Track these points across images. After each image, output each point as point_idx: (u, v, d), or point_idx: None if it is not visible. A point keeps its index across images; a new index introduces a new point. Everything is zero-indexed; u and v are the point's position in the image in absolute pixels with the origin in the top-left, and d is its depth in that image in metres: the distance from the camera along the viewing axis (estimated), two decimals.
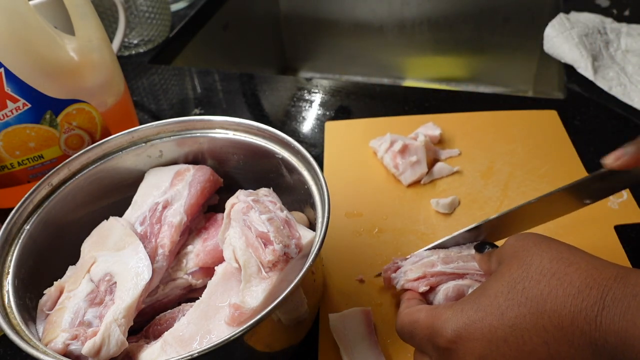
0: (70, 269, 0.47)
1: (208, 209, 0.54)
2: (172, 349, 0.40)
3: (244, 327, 0.36)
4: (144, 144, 0.53)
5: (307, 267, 0.39)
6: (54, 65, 0.57)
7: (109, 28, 0.87)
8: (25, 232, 0.46)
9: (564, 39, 0.81)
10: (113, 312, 0.41)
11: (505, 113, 0.71)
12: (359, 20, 1.20)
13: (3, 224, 0.45)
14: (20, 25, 0.53)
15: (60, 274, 0.46)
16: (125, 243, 0.46)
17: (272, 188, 0.49)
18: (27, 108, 0.56)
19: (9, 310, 0.41)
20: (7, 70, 0.54)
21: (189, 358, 0.35)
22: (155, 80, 0.88)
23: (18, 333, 0.39)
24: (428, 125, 0.69)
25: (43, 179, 0.48)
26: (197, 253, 0.49)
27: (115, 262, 0.45)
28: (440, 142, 0.68)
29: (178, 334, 0.41)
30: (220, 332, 0.40)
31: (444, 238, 0.50)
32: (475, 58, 1.18)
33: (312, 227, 0.48)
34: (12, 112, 0.56)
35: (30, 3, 0.55)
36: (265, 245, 0.41)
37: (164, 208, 0.49)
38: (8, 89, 0.55)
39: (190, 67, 0.91)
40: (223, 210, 0.46)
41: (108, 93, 0.63)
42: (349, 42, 1.24)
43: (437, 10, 1.14)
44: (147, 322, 0.46)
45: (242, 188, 0.48)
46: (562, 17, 0.85)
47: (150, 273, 0.44)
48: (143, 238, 0.47)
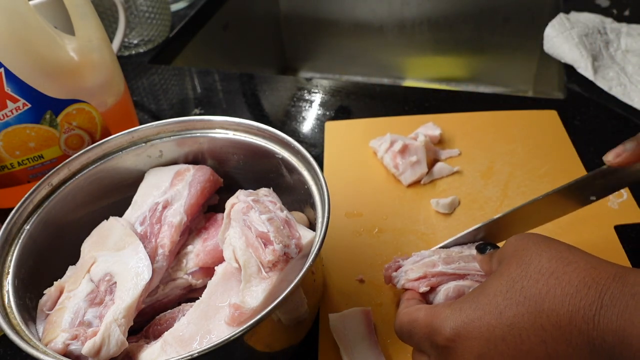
0: (70, 269, 0.47)
1: (208, 209, 0.54)
2: (172, 349, 0.40)
3: (244, 327, 0.36)
4: (144, 144, 0.53)
5: (307, 267, 0.39)
6: (54, 65, 0.57)
7: (109, 28, 0.87)
8: (25, 232, 0.46)
9: (564, 39, 0.81)
10: (113, 312, 0.41)
11: (505, 113, 0.71)
12: (359, 20, 1.20)
13: (3, 224, 0.45)
14: (20, 25, 0.53)
15: (60, 274, 0.47)
16: (125, 243, 0.46)
17: (272, 188, 0.49)
18: (27, 108, 0.56)
19: (9, 310, 0.41)
20: (7, 70, 0.54)
21: (189, 358, 0.35)
22: (155, 80, 0.88)
23: (18, 333, 0.39)
24: (428, 125, 0.69)
25: (43, 179, 0.48)
26: (197, 253, 0.49)
27: (115, 262, 0.45)
28: (440, 142, 0.68)
29: (178, 334, 0.41)
30: (220, 332, 0.40)
31: (452, 238, 0.50)
32: (475, 58, 1.18)
33: (312, 227, 0.48)
34: (12, 112, 0.56)
35: (30, 3, 0.55)
36: (265, 245, 0.41)
37: (164, 208, 0.49)
38: (8, 89, 0.55)
39: (190, 67, 0.91)
40: (223, 210, 0.46)
41: (108, 93, 0.63)
42: (349, 42, 1.24)
43: (437, 10, 1.14)
44: (147, 322, 0.46)
45: (242, 188, 0.48)
46: (562, 17, 0.85)
47: (150, 273, 0.44)
48: (143, 238, 0.47)
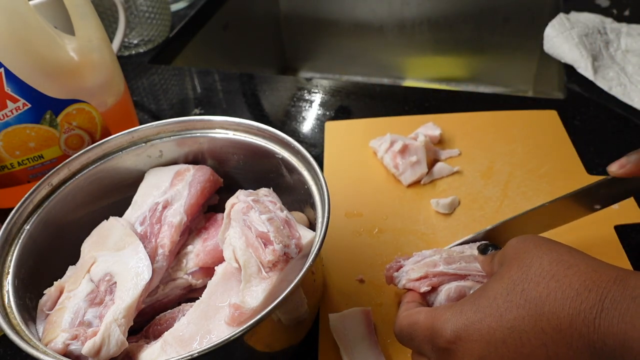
0: (70, 269, 0.47)
1: (208, 209, 0.54)
2: (172, 349, 0.40)
3: (244, 327, 0.36)
4: (144, 144, 0.53)
5: (307, 267, 0.39)
6: (54, 65, 0.57)
7: (109, 28, 0.87)
8: (25, 232, 0.46)
9: (564, 39, 0.81)
10: (113, 312, 0.41)
11: (505, 113, 0.71)
12: (359, 20, 1.20)
13: (3, 224, 0.45)
14: (20, 25, 0.53)
15: (60, 274, 0.47)
16: (125, 243, 0.46)
17: (272, 188, 0.49)
18: (27, 108, 0.56)
19: (9, 310, 0.41)
20: (7, 70, 0.54)
21: (189, 358, 0.35)
22: (155, 80, 0.88)
23: (18, 333, 0.39)
24: (428, 125, 0.69)
25: (43, 179, 0.48)
26: (197, 253, 0.49)
27: (115, 262, 0.45)
28: (440, 142, 0.68)
29: (178, 334, 0.41)
30: (220, 332, 0.40)
31: (458, 241, 0.50)
32: (475, 58, 1.18)
33: (312, 227, 0.48)
34: (12, 112, 0.56)
35: (30, 3, 0.55)
36: (265, 245, 0.41)
37: (164, 208, 0.49)
38: (8, 89, 0.55)
39: (190, 67, 0.91)
40: (223, 210, 0.46)
41: (108, 93, 0.63)
42: (349, 42, 1.24)
43: (437, 10, 1.14)
44: (147, 322, 0.46)
45: (242, 188, 0.48)
46: (562, 17, 0.84)
47: (150, 273, 0.44)
48: (143, 238, 0.47)
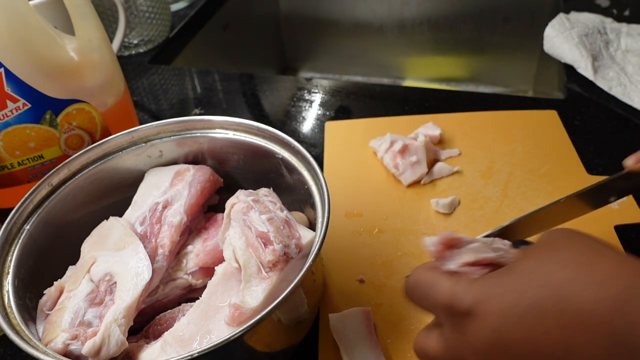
0: (70, 269, 0.47)
1: (208, 209, 0.54)
2: (172, 349, 0.40)
3: (244, 327, 0.36)
4: (144, 144, 0.53)
5: (307, 267, 0.39)
6: (54, 65, 0.57)
7: (109, 28, 0.87)
8: (25, 232, 0.46)
9: (564, 39, 0.81)
10: (113, 312, 0.41)
11: (505, 113, 0.71)
12: (359, 20, 1.20)
13: (3, 224, 0.45)
14: (20, 25, 0.53)
15: (60, 274, 0.46)
16: (125, 243, 0.46)
17: (272, 188, 0.49)
18: (27, 108, 0.56)
19: (9, 310, 0.41)
20: (7, 70, 0.54)
21: (189, 358, 0.35)
22: (155, 80, 0.88)
23: (18, 333, 0.39)
24: (428, 125, 0.69)
25: (43, 179, 0.48)
26: (197, 253, 0.49)
27: (115, 262, 0.45)
28: (440, 142, 0.68)
29: (178, 334, 0.41)
30: (220, 332, 0.40)
31: (480, 235, 0.49)
32: (475, 58, 1.18)
33: (312, 227, 0.48)
34: (12, 112, 0.56)
35: (30, 3, 0.55)
36: (265, 245, 0.41)
37: (164, 208, 0.49)
38: (8, 89, 0.55)
39: (190, 67, 0.91)
40: (223, 210, 0.46)
41: (108, 93, 0.63)
42: (349, 42, 1.24)
43: (437, 10, 1.14)
44: (147, 322, 0.46)
45: (242, 188, 0.48)
46: (562, 17, 0.84)
47: (150, 273, 0.44)
48: (143, 238, 0.47)
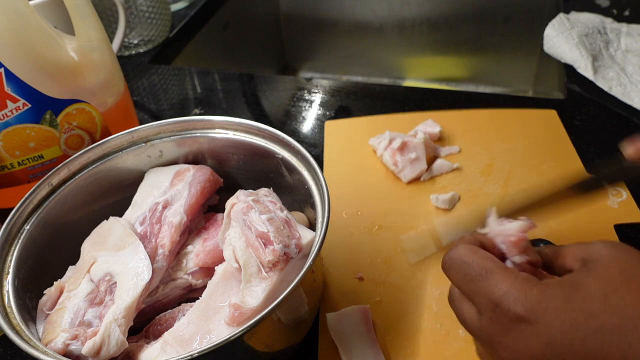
0: (70, 269, 0.47)
1: (208, 209, 0.54)
2: (172, 349, 0.40)
3: (244, 327, 0.36)
4: (144, 144, 0.53)
5: (307, 267, 0.39)
6: (54, 65, 0.57)
7: (109, 28, 0.87)
8: (25, 232, 0.46)
9: (564, 39, 0.81)
10: (113, 312, 0.41)
11: (505, 111, 0.71)
12: (359, 20, 1.20)
13: (3, 224, 0.45)
14: (20, 25, 0.53)
15: (60, 274, 0.46)
16: (125, 243, 0.46)
17: (272, 188, 0.49)
18: (27, 108, 0.56)
19: (9, 310, 0.41)
20: (7, 70, 0.54)
21: (189, 358, 0.35)
22: (155, 80, 0.88)
23: (18, 333, 0.39)
24: (428, 123, 0.69)
25: (43, 179, 0.48)
26: (197, 253, 0.49)
27: (115, 262, 0.45)
28: (440, 139, 0.68)
29: (178, 334, 0.41)
30: (220, 332, 0.40)
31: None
32: (475, 58, 1.18)
33: (312, 227, 0.48)
34: (12, 112, 0.56)
35: (30, 3, 0.55)
36: (265, 245, 0.41)
37: (164, 208, 0.49)
38: (8, 89, 0.55)
39: (190, 67, 0.91)
40: (223, 210, 0.46)
41: (108, 93, 0.63)
42: (349, 42, 1.24)
43: (437, 10, 1.14)
44: (147, 322, 0.46)
45: (242, 188, 0.48)
46: (562, 17, 0.84)
47: (150, 273, 0.44)
48: (143, 238, 0.47)
